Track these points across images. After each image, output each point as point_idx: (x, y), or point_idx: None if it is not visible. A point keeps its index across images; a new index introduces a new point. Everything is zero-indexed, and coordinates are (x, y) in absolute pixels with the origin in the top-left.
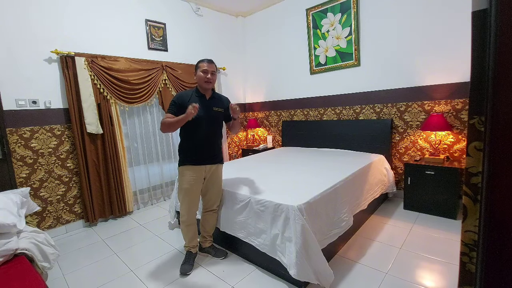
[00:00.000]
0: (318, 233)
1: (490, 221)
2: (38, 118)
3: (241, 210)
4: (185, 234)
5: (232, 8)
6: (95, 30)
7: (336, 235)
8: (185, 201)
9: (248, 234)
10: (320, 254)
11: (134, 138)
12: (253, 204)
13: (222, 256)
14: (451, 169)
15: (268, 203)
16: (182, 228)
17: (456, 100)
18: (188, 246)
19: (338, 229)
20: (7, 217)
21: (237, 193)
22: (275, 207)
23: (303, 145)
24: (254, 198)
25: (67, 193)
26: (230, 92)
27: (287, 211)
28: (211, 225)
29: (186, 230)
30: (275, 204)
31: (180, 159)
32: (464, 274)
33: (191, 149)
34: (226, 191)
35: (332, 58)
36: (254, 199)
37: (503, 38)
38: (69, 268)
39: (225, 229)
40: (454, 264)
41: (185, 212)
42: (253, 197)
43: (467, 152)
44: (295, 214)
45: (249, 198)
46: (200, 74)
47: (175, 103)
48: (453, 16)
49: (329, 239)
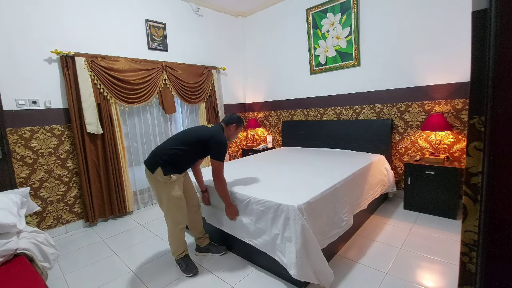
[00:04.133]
0: (318, 233)
1: (490, 221)
2: (38, 118)
3: (242, 210)
4: (182, 238)
5: (232, 8)
6: (95, 30)
7: (336, 235)
8: (181, 207)
9: (248, 234)
10: (320, 254)
11: (134, 138)
12: (253, 204)
13: (222, 252)
14: (451, 169)
15: (268, 203)
16: (178, 234)
17: (456, 100)
18: (184, 249)
19: (338, 229)
20: (7, 217)
21: (237, 193)
22: (275, 207)
23: (303, 145)
24: (254, 198)
25: (67, 193)
26: (230, 92)
27: (287, 211)
28: (201, 221)
29: (182, 234)
30: (275, 204)
31: (170, 169)
32: (464, 274)
33: (185, 166)
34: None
35: (332, 58)
36: (254, 199)
37: (503, 38)
38: (69, 268)
39: (228, 231)
40: (454, 264)
41: (183, 218)
42: (253, 197)
43: (467, 152)
44: (295, 214)
45: (249, 198)
46: (238, 133)
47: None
48: (453, 16)
49: (329, 239)
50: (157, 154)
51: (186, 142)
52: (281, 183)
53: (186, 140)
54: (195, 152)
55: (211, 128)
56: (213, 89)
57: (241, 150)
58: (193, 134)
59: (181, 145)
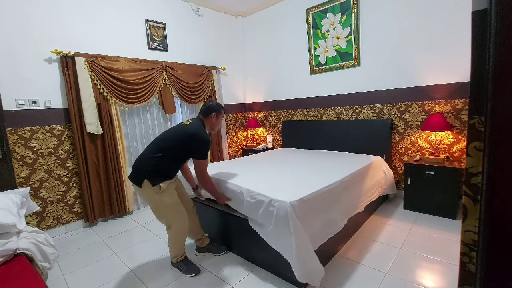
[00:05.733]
0: (310, 232)
1: (490, 221)
2: (38, 118)
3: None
4: (183, 243)
5: (232, 8)
6: (95, 30)
7: (327, 236)
8: (181, 211)
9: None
10: (312, 252)
11: (134, 138)
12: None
13: (223, 251)
14: (451, 169)
15: (259, 196)
16: (181, 240)
17: (456, 100)
18: (184, 252)
19: (330, 230)
20: (7, 217)
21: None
22: (267, 201)
23: (303, 145)
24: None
25: (67, 193)
26: (230, 92)
27: (279, 207)
28: (198, 223)
29: (184, 239)
30: (267, 197)
31: (156, 178)
32: (464, 274)
33: (172, 171)
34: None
35: (332, 58)
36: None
37: (503, 38)
38: (69, 268)
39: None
40: (454, 264)
41: (185, 223)
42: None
43: (467, 152)
44: (287, 209)
45: (241, 189)
46: (220, 122)
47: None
48: (453, 16)
49: (320, 240)
50: (140, 166)
51: (163, 148)
52: (276, 182)
53: (162, 146)
54: (176, 157)
55: (189, 126)
56: (213, 89)
57: (241, 150)
58: (170, 138)
59: (160, 153)
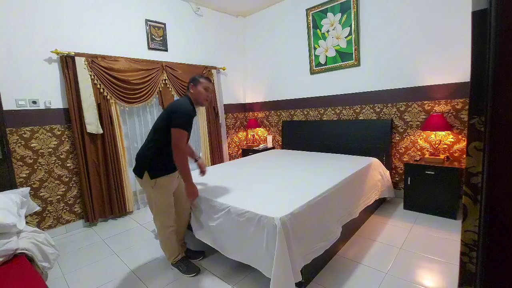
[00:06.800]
0: (302, 247)
1: (490, 221)
2: (38, 118)
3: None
4: (174, 241)
5: (232, 8)
6: (95, 30)
7: (322, 249)
8: (169, 213)
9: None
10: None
11: (134, 138)
12: (232, 214)
13: (200, 257)
14: (451, 169)
15: (248, 214)
16: (169, 238)
17: (456, 100)
18: (180, 251)
19: (325, 242)
20: (7, 217)
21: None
22: (257, 218)
23: (303, 145)
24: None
25: (67, 193)
26: (230, 92)
27: (267, 223)
28: (185, 230)
29: (173, 237)
30: (256, 215)
31: (155, 170)
32: (464, 274)
33: (170, 159)
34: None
35: (332, 58)
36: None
37: (503, 38)
38: (69, 268)
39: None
40: (454, 264)
41: (171, 222)
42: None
43: (467, 152)
44: (275, 227)
45: (228, 207)
46: (202, 91)
47: (191, 121)
48: (453, 16)
49: (314, 253)
50: (139, 157)
51: (156, 130)
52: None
53: (155, 128)
54: (169, 141)
55: (174, 101)
56: (213, 89)
57: (241, 150)
58: (159, 120)
59: (154, 136)
